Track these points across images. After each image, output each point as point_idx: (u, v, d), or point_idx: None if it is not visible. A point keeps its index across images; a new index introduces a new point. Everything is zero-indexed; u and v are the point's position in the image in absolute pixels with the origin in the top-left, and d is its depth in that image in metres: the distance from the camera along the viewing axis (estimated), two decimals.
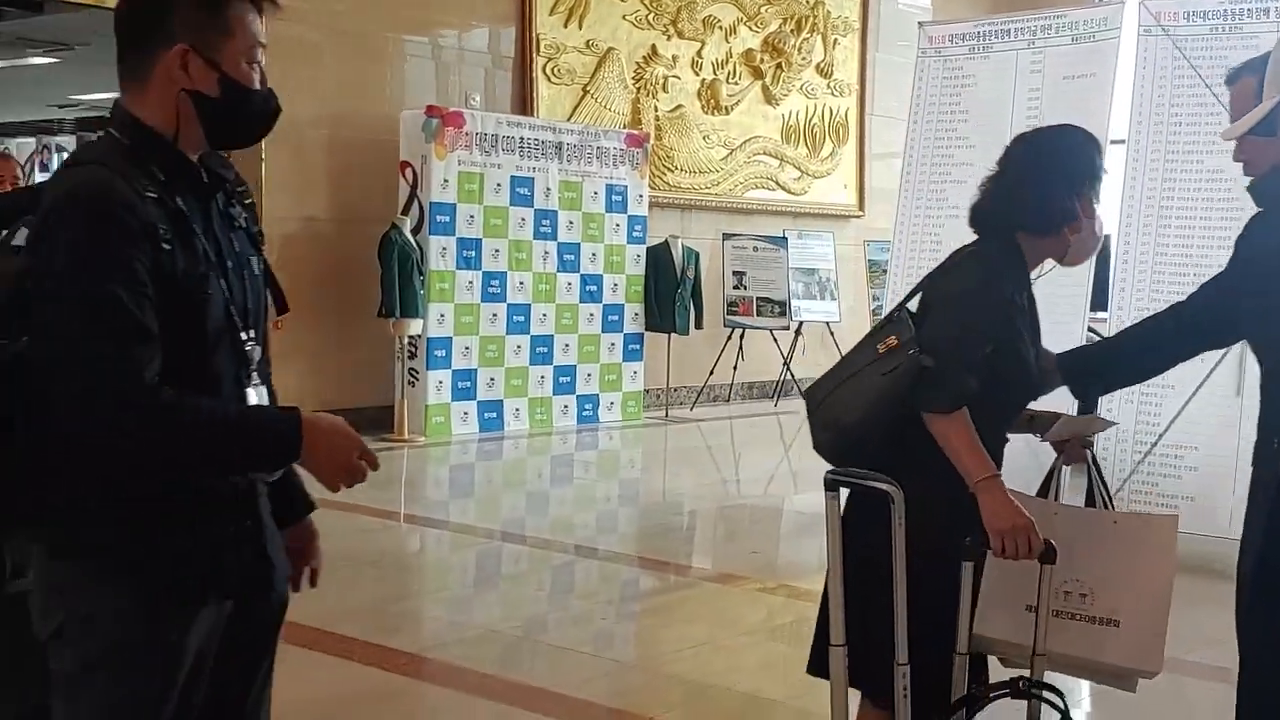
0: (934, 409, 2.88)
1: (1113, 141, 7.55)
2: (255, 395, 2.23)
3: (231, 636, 2.23)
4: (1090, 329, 8.32)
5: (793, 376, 13.29)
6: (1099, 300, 7.92)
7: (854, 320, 13.89)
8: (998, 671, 3.07)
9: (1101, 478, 3.15)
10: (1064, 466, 3.11)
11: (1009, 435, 3.15)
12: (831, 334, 13.72)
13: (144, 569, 2.11)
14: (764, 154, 13.78)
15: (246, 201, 2.31)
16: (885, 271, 13.58)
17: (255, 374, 2.23)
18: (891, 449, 2.91)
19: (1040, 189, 3.05)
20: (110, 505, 2.09)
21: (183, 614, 2.14)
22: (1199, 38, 7.23)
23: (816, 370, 13.00)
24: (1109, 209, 7.45)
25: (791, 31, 13.83)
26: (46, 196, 2.12)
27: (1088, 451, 3.15)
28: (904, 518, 2.71)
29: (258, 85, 2.21)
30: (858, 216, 14.59)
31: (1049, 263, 3.22)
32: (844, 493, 2.87)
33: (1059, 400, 3.63)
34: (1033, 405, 3.22)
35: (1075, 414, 3.73)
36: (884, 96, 14.60)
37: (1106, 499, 3.17)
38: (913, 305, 3.09)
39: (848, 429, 2.99)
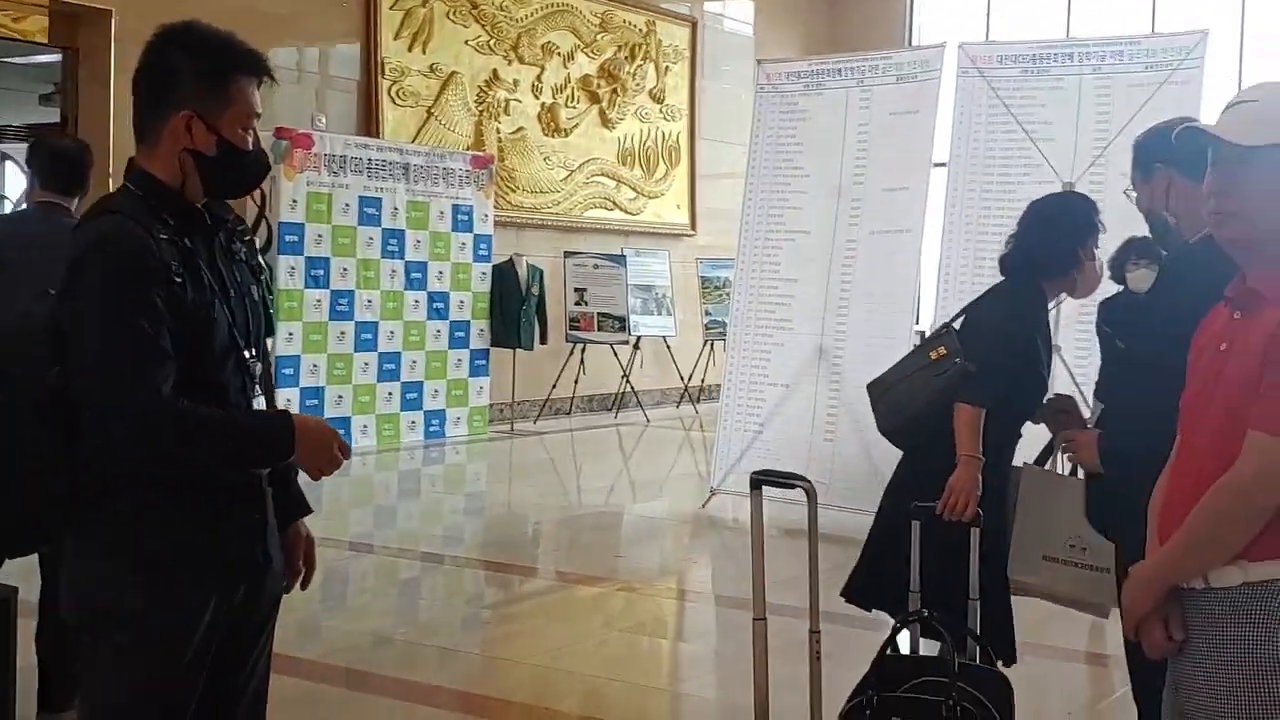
0: (969, 402, 3.82)
1: (936, 164, 8.23)
2: (257, 404, 2.63)
3: (232, 625, 2.55)
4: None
5: (632, 389, 13.77)
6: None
7: (688, 334, 14.45)
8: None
9: None
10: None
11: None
12: (668, 347, 14.24)
13: (164, 561, 2.45)
14: (601, 175, 14.26)
15: (246, 239, 2.67)
16: (718, 288, 14.21)
17: (257, 385, 2.62)
18: (937, 433, 3.84)
19: (1050, 243, 3.97)
20: (136, 505, 2.44)
21: (197, 600, 2.47)
22: (1011, 79, 7.93)
23: (654, 383, 13.53)
24: (932, 232, 8.17)
25: (626, 59, 14.35)
26: (75, 243, 2.47)
27: None
28: (816, 513, 3.37)
29: (250, 148, 2.59)
30: (689, 235, 15.16)
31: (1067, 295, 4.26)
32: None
33: None
34: None
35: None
36: (712, 121, 15.21)
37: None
38: (957, 324, 4.09)
39: (911, 417, 3.98)
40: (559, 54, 13.69)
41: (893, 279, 8.11)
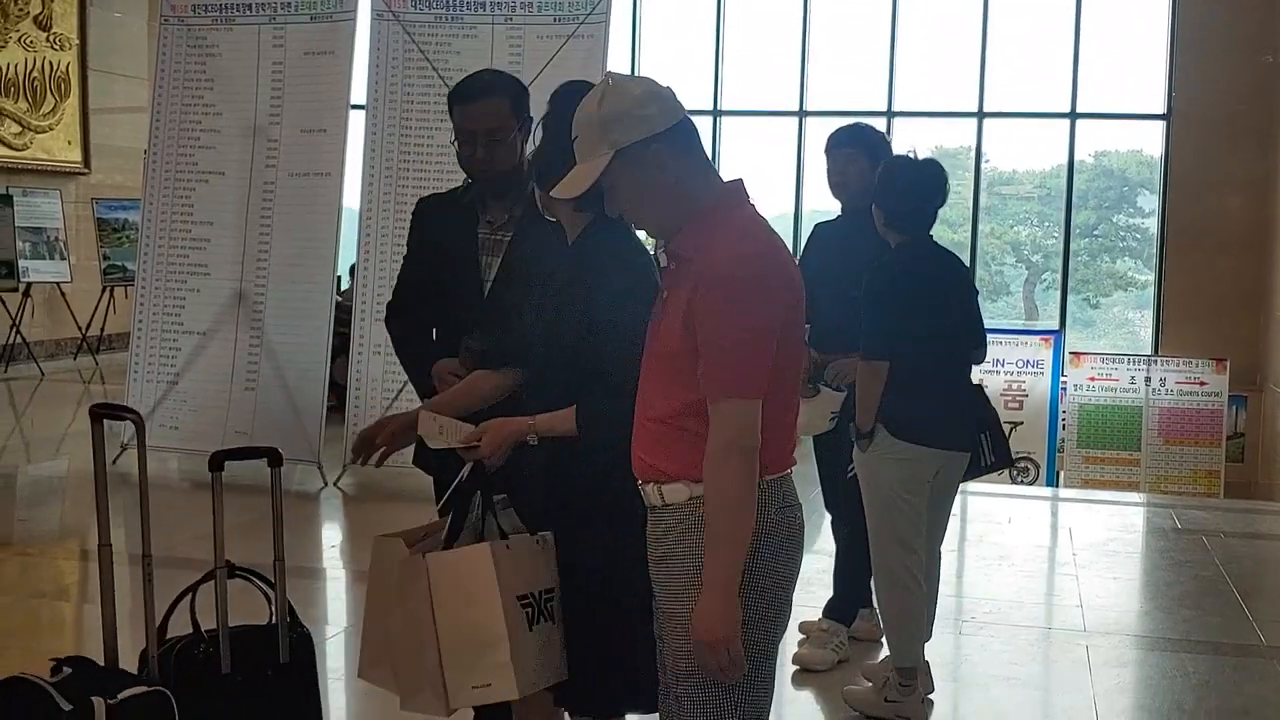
0: None
1: (355, 106, 8.19)
2: None
3: None
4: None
5: (23, 340, 12.73)
6: None
7: (85, 280, 13.55)
8: None
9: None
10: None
11: None
12: (63, 294, 13.30)
13: None
14: None
15: None
16: (118, 230, 13.42)
17: None
18: None
19: None
20: None
21: None
22: (426, 24, 8.00)
23: (48, 333, 12.70)
24: (353, 175, 8.11)
25: None
26: None
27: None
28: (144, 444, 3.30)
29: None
30: (83, 174, 14.13)
31: None
32: None
33: None
34: None
35: None
36: (105, 53, 14.24)
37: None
38: None
39: None
40: None
41: (314, 223, 7.99)
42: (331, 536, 7.23)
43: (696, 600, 2.44)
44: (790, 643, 4.94)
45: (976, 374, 11.81)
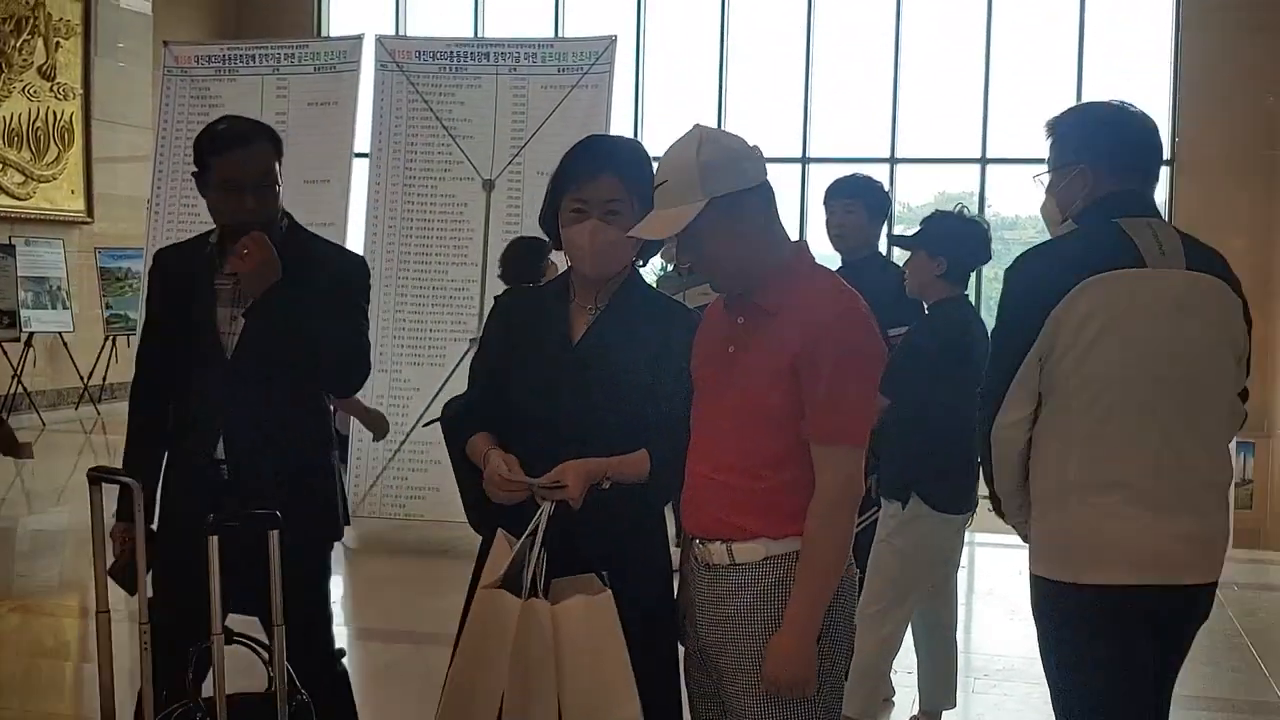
0: None
1: (358, 155, 8.17)
2: None
3: None
4: None
5: (24, 390, 12.69)
6: None
7: (87, 329, 13.52)
8: None
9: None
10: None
11: None
12: (65, 344, 13.27)
13: None
14: None
15: None
16: (120, 279, 13.40)
17: None
18: None
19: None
20: None
21: None
22: (430, 75, 8.00)
23: (49, 383, 12.56)
24: (355, 228, 8.09)
25: (11, 32, 13.11)
26: None
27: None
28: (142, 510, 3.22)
29: None
30: (86, 223, 14.14)
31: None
32: None
33: None
34: None
35: None
36: (108, 102, 14.28)
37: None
38: None
39: None
40: None
41: None
42: (332, 593, 7.15)
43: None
44: None
45: None
